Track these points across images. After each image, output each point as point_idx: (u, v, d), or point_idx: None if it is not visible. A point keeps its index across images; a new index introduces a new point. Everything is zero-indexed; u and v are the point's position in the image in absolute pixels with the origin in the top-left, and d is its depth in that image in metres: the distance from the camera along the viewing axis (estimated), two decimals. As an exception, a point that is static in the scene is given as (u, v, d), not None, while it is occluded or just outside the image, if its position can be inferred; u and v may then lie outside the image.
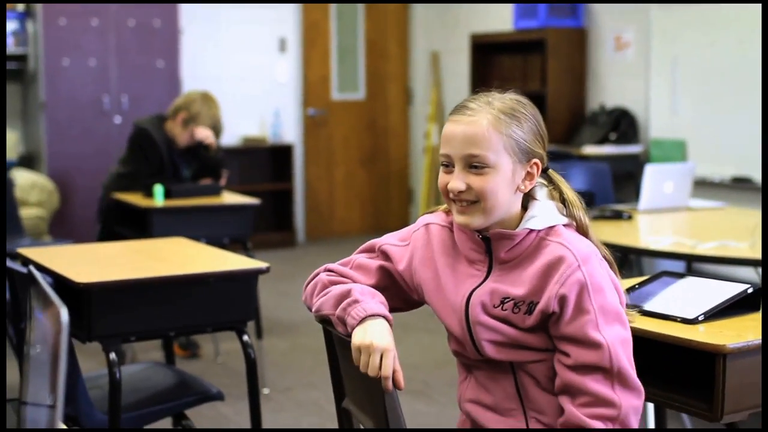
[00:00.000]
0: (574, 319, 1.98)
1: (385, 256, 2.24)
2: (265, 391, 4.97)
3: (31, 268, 1.67)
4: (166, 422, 3.59)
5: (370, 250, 2.28)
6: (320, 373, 5.09)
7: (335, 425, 2.35)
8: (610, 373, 1.96)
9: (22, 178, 7.28)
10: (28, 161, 8.08)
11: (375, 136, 9.75)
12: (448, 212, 2.19)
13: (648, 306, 2.51)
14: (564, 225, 2.09)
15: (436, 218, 2.23)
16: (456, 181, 2.05)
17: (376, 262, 2.24)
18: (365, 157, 9.72)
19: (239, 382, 3.21)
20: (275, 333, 6.10)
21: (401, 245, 2.23)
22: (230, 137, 8.74)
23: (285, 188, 9.16)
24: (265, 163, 9.23)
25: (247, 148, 9.01)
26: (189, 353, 5.62)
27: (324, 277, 2.24)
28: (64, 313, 1.39)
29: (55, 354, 1.41)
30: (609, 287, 2.02)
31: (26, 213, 7.02)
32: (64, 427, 1.46)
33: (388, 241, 2.26)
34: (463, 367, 2.22)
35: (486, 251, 2.12)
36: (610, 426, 1.95)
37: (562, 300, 1.99)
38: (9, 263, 3.00)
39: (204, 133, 5.43)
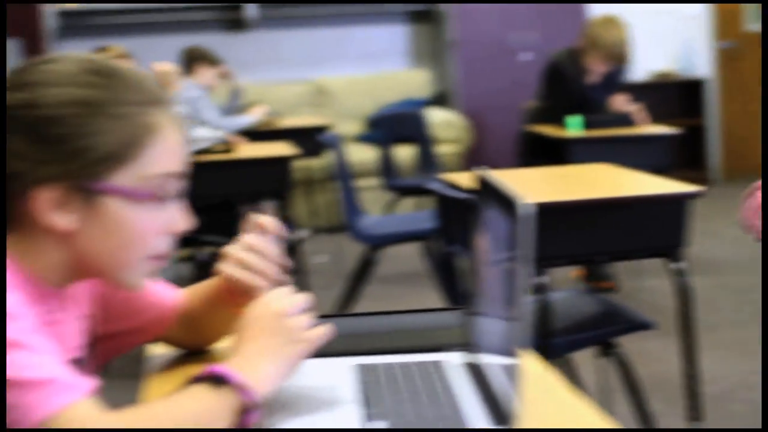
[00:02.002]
0: None
1: None
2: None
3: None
4: (587, 353, 3.50)
5: None
6: (747, 312, 4.81)
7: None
8: None
9: (435, 116, 7.45)
10: (440, 100, 8.28)
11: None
12: None
13: None
14: None
15: None
16: None
17: None
18: (785, 90, 9.11)
19: (662, 318, 3.04)
20: (696, 272, 5.83)
21: None
22: (638, 72, 8.48)
23: (695, 124, 8.79)
24: (674, 98, 8.89)
25: (655, 82, 8.73)
26: (609, 285, 5.44)
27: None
28: (524, 208, 1.29)
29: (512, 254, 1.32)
30: None
31: (440, 150, 7.18)
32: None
33: None
34: None
35: None
36: None
37: None
38: (443, 191, 3.06)
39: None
